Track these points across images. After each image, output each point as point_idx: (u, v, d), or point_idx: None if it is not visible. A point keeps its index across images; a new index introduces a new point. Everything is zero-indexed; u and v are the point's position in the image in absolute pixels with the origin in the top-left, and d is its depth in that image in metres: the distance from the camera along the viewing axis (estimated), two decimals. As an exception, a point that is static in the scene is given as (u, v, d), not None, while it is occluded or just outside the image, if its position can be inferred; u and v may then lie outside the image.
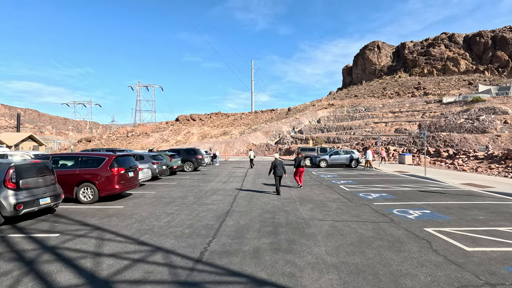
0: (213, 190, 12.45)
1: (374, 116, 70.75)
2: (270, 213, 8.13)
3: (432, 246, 5.44)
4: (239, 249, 5.28)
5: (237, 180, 16.05)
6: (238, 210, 8.46)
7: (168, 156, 18.19)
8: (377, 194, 11.06)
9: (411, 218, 7.45)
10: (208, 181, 15.43)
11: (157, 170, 15.31)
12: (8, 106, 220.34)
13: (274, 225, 6.90)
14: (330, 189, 12.55)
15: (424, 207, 8.75)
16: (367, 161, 22.57)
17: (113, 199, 10.13)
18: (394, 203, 9.47)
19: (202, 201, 9.94)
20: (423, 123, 53.94)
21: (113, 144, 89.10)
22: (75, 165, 9.71)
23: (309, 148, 27.77)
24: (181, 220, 7.39)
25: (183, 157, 21.05)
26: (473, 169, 19.44)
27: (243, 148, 65.40)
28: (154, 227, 6.71)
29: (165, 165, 16.34)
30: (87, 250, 5.25)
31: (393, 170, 20.72)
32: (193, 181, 15.40)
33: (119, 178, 9.72)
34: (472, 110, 55.72)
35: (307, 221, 7.25)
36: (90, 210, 8.57)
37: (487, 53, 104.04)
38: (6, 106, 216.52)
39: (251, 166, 25.38)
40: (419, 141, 42.78)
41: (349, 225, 6.88)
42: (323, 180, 15.79)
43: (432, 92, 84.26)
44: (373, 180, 15.64)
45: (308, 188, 12.73)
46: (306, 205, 9.14)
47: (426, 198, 10.16)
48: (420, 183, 14.26)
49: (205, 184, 14.22)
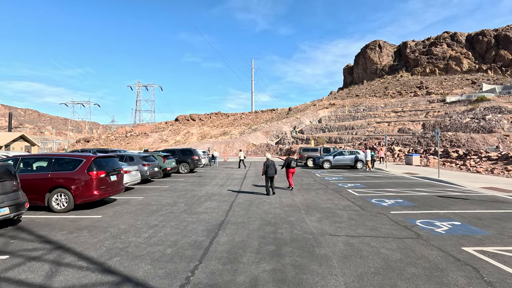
0: (208, 195, 11.20)
1: (376, 115, 69.52)
2: (272, 225, 6.89)
3: (482, 275, 4.19)
4: (232, 281, 4.04)
5: (235, 183, 14.80)
6: (234, 221, 7.21)
7: (161, 157, 16.94)
8: (391, 200, 9.81)
9: (441, 233, 6.20)
10: (204, 184, 14.18)
11: (148, 172, 14.07)
12: (8, 106, 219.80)
13: (276, 242, 5.66)
14: (338, 194, 11.30)
15: (452, 218, 7.49)
16: (367, 162, 21.51)
17: (92, 207, 8.89)
18: (414, 211, 8.22)
19: (194, 209, 8.70)
20: (427, 123, 52.66)
21: (111, 145, 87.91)
22: (48, 168, 8.47)
23: (312, 148, 26.48)
24: (165, 235, 6.15)
25: (179, 158, 19.80)
26: (488, 171, 18.18)
27: (243, 149, 64.18)
28: (129, 246, 5.47)
29: (157, 167, 15.10)
30: (32, 283, 4.00)
31: (402, 172, 19.46)
32: (187, 185, 14.15)
33: (98, 182, 8.48)
34: (477, 110, 54.44)
35: (316, 236, 6.00)
36: (60, 221, 7.33)
37: (490, 52, 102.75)
38: (6, 106, 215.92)
39: (239, 166, 24.75)
40: (424, 141, 41.52)
41: (368, 242, 5.63)
42: (328, 183, 14.54)
43: (435, 91, 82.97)
44: (383, 183, 14.39)
45: (313, 193, 11.48)
46: (313, 215, 7.89)
47: (450, 206, 8.90)
48: (435, 187, 13.01)
49: (200, 188, 12.97)
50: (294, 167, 11.97)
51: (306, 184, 14.18)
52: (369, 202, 9.56)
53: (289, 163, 11.88)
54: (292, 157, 12.20)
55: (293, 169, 12.01)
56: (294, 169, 12.07)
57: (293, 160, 11.94)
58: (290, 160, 11.90)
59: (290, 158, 11.96)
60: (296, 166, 12.28)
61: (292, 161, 11.89)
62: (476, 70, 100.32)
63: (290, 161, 11.89)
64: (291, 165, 11.87)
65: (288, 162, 11.89)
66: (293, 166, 11.91)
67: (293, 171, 12.09)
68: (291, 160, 11.92)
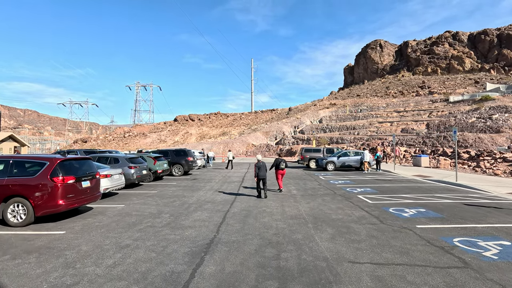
0: (199, 202, 9.78)
1: (378, 115, 68.18)
2: (273, 246, 5.47)
3: None
4: None
5: (232, 187, 13.38)
6: (226, 240, 5.80)
7: (151, 158, 15.50)
8: (412, 210, 8.40)
9: (494, 259, 4.79)
10: (197, 189, 12.75)
11: (135, 176, 12.65)
12: (8, 106, 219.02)
13: (280, 274, 4.25)
14: (348, 201, 9.88)
15: (496, 235, 6.07)
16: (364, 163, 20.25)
17: (58, 219, 7.47)
18: (446, 225, 6.80)
19: (180, 221, 7.28)
20: (431, 123, 51.28)
21: (109, 145, 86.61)
22: (4, 172, 7.04)
23: (314, 149, 24.98)
24: (135, 261, 4.74)
25: (172, 159, 18.37)
26: (507, 173, 16.76)
27: (243, 149, 62.75)
28: (81, 281, 4.05)
29: (146, 169, 13.68)
30: None
31: (412, 174, 18.04)
32: (178, 189, 12.71)
33: (64, 190, 7.06)
34: (482, 109, 53.13)
35: (332, 265, 4.59)
36: (11, 239, 5.91)
37: (492, 51, 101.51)
38: (5, 106, 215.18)
39: (226, 167, 23.79)
40: (430, 141, 40.14)
41: (401, 274, 4.22)
42: (334, 187, 13.12)
43: (438, 91, 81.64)
44: (395, 187, 12.98)
45: (319, 200, 10.05)
46: (323, 230, 6.48)
47: (485, 218, 7.49)
48: (456, 192, 11.59)
49: (192, 194, 11.54)
50: (283, 168, 11.45)
51: (310, 188, 12.76)
52: (387, 212, 8.14)
53: (278, 164, 11.41)
54: (281, 158, 11.71)
55: (282, 171, 11.51)
56: (284, 171, 11.57)
57: (282, 161, 11.48)
58: (279, 161, 11.44)
59: (279, 159, 11.50)
60: (286, 167, 11.63)
61: (281, 162, 11.43)
62: (478, 69, 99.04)
63: (279, 162, 11.42)
64: (280, 166, 11.38)
65: (277, 163, 11.44)
66: (282, 167, 11.39)
67: (282, 173, 11.59)
68: (280, 161, 11.46)
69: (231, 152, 24.99)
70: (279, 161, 11.45)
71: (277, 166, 11.42)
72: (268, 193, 11.38)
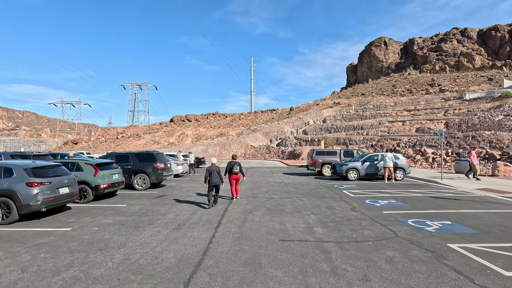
0: (121, 274, 4.38)
1: (387, 114, 63.01)
2: None
3: None
4: None
5: (207, 220, 7.99)
6: None
7: (92, 166, 10.08)
8: None
9: None
10: (147, 224, 7.34)
11: (40, 199, 7.27)
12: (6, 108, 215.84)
13: None
14: (442, 263, 4.46)
15: None
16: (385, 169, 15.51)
17: None
18: None
19: None
20: (450, 121, 46.01)
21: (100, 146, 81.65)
22: None
23: (328, 151, 19.42)
24: None
25: (133, 167, 12.95)
26: None
27: (241, 151, 57.36)
28: None
29: (71, 185, 8.29)
30: None
31: (475, 188, 12.68)
32: (111, 225, 7.27)
33: None
34: (505, 106, 47.92)
35: None
36: None
37: (504, 48, 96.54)
38: (4, 108, 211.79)
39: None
40: (455, 142, 34.82)
41: None
42: (384, 218, 7.71)
43: (449, 89, 76.45)
44: (492, 220, 7.60)
45: (384, 263, 4.64)
46: None
47: None
48: None
49: (124, 241, 6.14)
50: (237, 173, 10.34)
51: (342, 221, 7.32)
52: None
53: (231, 168, 10.31)
54: (235, 161, 10.53)
55: (236, 175, 10.40)
56: (238, 175, 10.44)
57: (236, 164, 10.32)
58: (233, 165, 10.34)
59: (232, 162, 10.40)
60: (240, 172, 10.28)
61: (234, 166, 10.30)
62: (489, 66, 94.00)
63: (233, 165, 10.33)
64: (233, 170, 10.26)
65: (230, 166, 10.34)
66: (235, 171, 10.26)
67: (236, 177, 10.47)
68: (233, 164, 10.35)
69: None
70: (233, 164, 10.31)
71: (230, 170, 10.27)
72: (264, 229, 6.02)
